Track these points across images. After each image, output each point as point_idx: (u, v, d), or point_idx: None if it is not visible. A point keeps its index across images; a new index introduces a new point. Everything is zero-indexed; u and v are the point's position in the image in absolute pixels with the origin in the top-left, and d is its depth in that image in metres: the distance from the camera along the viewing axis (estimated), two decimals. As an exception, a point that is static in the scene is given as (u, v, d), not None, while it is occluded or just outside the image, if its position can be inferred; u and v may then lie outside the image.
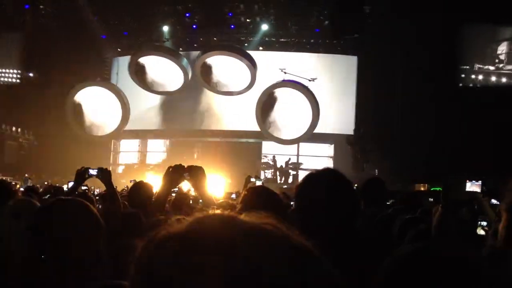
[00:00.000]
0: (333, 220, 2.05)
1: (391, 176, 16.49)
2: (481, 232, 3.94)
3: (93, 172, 4.43)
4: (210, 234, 0.72)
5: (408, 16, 17.68)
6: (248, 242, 0.71)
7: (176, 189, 5.61)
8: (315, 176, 2.20)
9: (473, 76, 19.91)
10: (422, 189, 16.05)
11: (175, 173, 2.74)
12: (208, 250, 0.70)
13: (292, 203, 7.73)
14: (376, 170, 18.17)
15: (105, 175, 4.41)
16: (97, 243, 1.87)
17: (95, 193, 11.19)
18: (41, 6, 19.89)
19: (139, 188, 4.75)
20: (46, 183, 16.66)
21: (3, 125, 21.06)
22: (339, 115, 21.83)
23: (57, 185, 14.81)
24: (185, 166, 2.78)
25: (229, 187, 19.20)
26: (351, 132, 20.80)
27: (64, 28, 18.81)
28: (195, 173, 2.73)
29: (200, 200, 3.74)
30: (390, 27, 18.26)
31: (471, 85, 19.86)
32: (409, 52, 17.97)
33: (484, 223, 4.05)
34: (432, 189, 13.94)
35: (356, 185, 4.60)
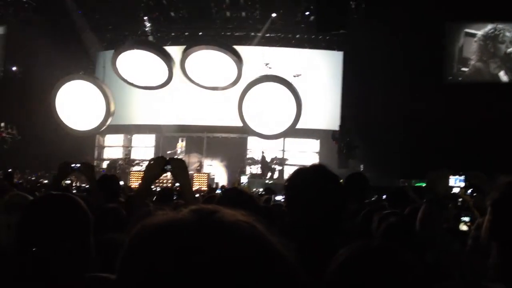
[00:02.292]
0: (319, 215, 2.08)
1: (376, 171, 16.57)
2: (463, 227, 3.95)
3: (75, 166, 4.40)
4: (183, 228, 0.74)
5: (394, 12, 17.74)
6: (219, 239, 0.72)
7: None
8: (304, 172, 2.23)
9: (459, 72, 20.04)
10: (407, 184, 16.15)
11: (156, 166, 2.74)
12: (178, 244, 0.72)
13: (276, 197, 7.76)
14: (362, 166, 18.23)
15: (87, 169, 4.39)
16: (86, 237, 1.92)
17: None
18: (24, 0, 19.66)
19: (108, 180, 4.82)
20: (29, 178, 16.56)
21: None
22: (324, 110, 21.88)
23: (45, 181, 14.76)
24: (167, 159, 2.78)
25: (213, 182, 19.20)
26: (337, 128, 20.85)
27: (47, 22, 18.61)
28: (176, 165, 2.72)
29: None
30: (376, 22, 18.31)
31: (458, 80, 19.98)
32: (395, 48, 18.05)
33: (467, 219, 4.07)
34: (416, 184, 14.03)
35: (341, 180, 4.61)
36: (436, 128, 17.75)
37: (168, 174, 2.77)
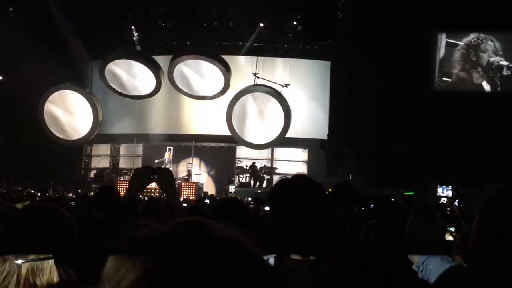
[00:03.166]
0: (303, 225, 2.11)
1: (365, 180, 16.62)
2: (449, 238, 3.95)
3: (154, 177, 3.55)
4: (168, 242, 0.74)
5: (381, 21, 17.87)
6: (204, 253, 0.72)
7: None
8: (286, 183, 2.26)
9: (445, 80, 20.16)
10: (394, 193, 16.19)
11: (143, 175, 2.71)
12: (162, 259, 0.71)
13: (265, 207, 7.75)
14: (350, 175, 18.27)
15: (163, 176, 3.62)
16: (71, 247, 1.92)
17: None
18: (10, 9, 19.55)
19: (109, 192, 4.72)
20: (15, 187, 16.40)
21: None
22: (312, 120, 21.95)
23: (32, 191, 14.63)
24: (153, 168, 2.75)
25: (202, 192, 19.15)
26: (325, 137, 20.92)
27: (34, 31, 18.50)
28: (162, 175, 2.70)
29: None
30: (363, 32, 18.43)
31: (444, 89, 20.09)
32: (382, 57, 18.16)
33: (452, 229, 4.08)
34: (405, 193, 14.07)
35: (330, 189, 4.61)
36: (424, 137, 17.85)
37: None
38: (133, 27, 21.13)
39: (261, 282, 0.74)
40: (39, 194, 15.31)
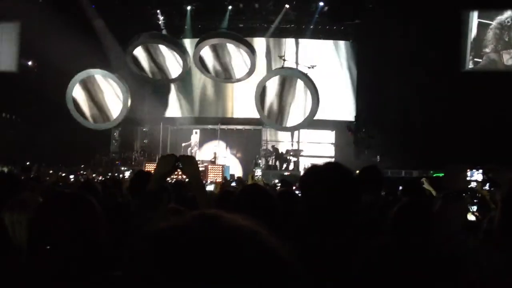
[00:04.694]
0: (332, 211, 2.15)
1: (393, 162, 16.50)
2: (471, 217, 3.90)
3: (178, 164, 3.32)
4: (185, 233, 0.75)
5: (408, 1, 17.59)
6: (219, 245, 0.73)
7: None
8: (317, 170, 2.30)
9: (476, 61, 19.76)
10: (424, 175, 16.03)
11: (167, 164, 2.70)
12: (179, 251, 0.73)
13: (293, 188, 7.74)
14: (378, 157, 18.14)
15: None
16: (98, 234, 1.94)
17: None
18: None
19: (142, 177, 4.71)
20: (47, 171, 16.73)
21: (3, 113, 21.10)
22: (339, 101, 21.80)
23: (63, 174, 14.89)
24: (177, 156, 2.73)
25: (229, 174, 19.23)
26: (352, 119, 20.76)
27: (62, 17, 18.66)
28: (186, 162, 2.69)
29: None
30: (390, 12, 18.15)
31: (474, 70, 19.69)
32: (410, 37, 17.87)
33: (474, 208, 4.02)
34: (434, 175, 13.94)
35: (357, 171, 4.59)
36: (452, 118, 17.57)
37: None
38: (158, 11, 21.18)
39: (275, 274, 0.74)
40: (71, 177, 15.62)
